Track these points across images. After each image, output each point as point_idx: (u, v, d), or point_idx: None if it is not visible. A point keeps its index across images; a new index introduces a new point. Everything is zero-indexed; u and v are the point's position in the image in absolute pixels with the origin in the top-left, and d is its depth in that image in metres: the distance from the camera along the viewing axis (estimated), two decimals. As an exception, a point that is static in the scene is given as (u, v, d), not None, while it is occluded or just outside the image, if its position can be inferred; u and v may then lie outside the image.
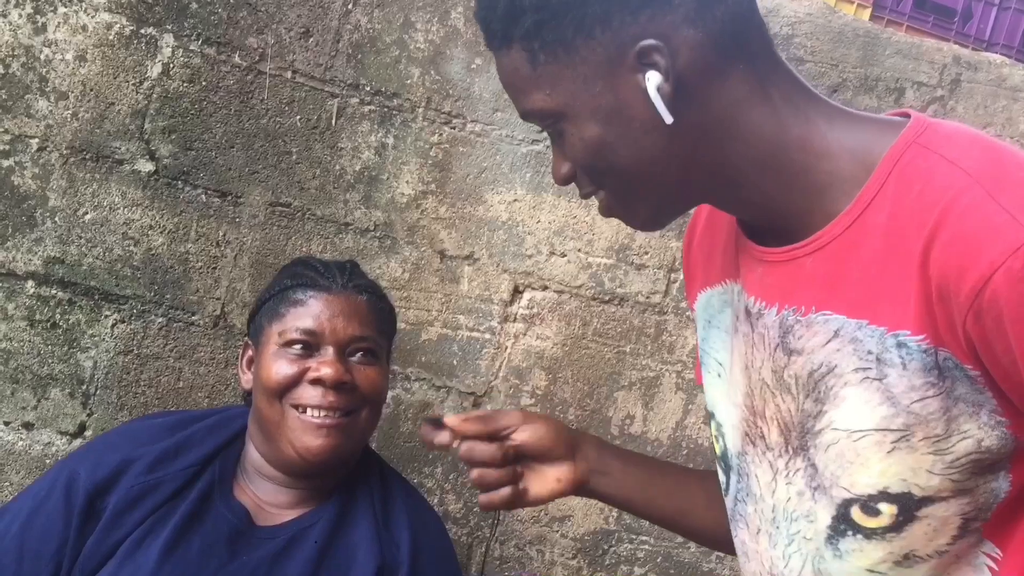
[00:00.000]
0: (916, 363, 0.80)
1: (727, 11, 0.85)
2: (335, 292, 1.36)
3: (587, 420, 1.94)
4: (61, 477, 1.31)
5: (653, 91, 0.82)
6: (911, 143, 0.82)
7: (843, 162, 0.85)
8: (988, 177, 0.76)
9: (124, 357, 1.75)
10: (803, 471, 0.90)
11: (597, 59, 0.84)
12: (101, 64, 1.67)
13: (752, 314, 0.94)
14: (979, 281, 0.73)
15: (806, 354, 0.88)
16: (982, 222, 0.74)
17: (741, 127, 0.86)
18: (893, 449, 0.82)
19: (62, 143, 1.67)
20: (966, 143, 0.81)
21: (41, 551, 1.27)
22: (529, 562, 1.97)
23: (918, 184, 0.80)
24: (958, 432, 0.80)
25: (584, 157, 0.89)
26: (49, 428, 1.74)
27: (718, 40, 0.84)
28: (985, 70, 1.98)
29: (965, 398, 0.79)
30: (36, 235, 1.69)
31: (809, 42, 1.91)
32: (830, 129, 0.87)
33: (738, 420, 0.99)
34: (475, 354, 1.88)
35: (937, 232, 0.77)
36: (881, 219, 0.82)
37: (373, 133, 1.78)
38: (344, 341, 1.34)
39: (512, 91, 0.91)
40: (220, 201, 1.74)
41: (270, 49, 1.72)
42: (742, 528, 1.01)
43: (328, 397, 1.30)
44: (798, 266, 0.88)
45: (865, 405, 0.83)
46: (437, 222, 1.83)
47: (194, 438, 1.38)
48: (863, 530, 0.86)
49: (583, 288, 1.90)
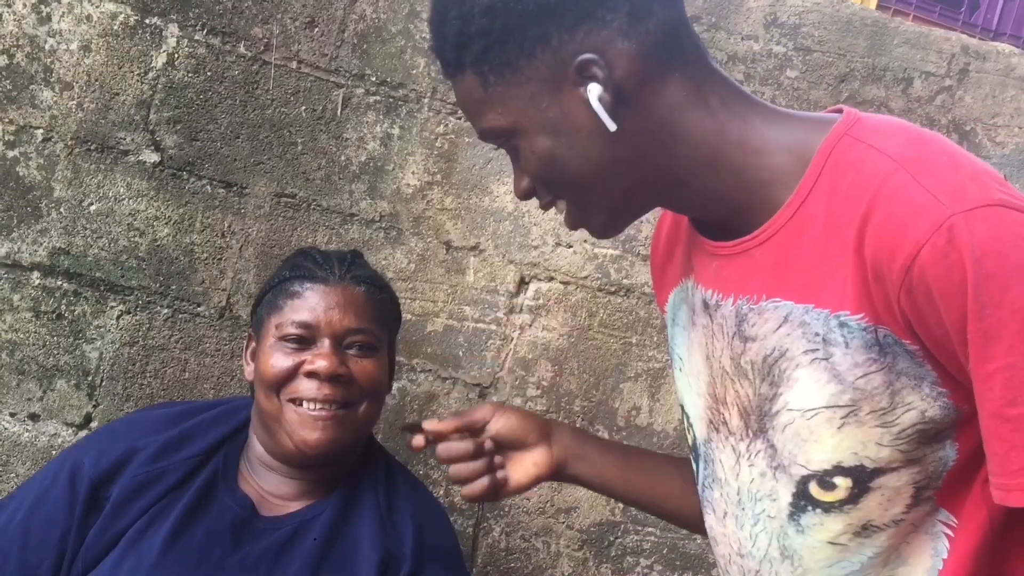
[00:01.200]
0: (857, 341, 0.85)
1: (657, 23, 0.90)
2: (332, 284, 1.35)
3: (593, 411, 1.93)
4: (65, 466, 1.32)
5: (595, 101, 0.88)
6: (842, 135, 0.88)
7: (781, 157, 0.91)
8: (911, 161, 0.82)
9: (130, 348, 1.75)
10: (763, 452, 0.95)
11: (541, 76, 0.90)
12: (106, 54, 1.66)
13: (710, 306, 1.00)
14: (908, 259, 0.78)
15: (760, 340, 0.93)
16: (907, 203, 0.80)
17: (682, 130, 0.91)
18: (843, 424, 0.87)
19: (67, 134, 1.67)
20: (891, 131, 0.87)
21: (45, 540, 1.27)
22: (535, 553, 1.97)
23: (850, 173, 0.85)
24: (902, 404, 0.84)
25: (538, 169, 0.94)
26: (55, 419, 1.74)
27: (651, 50, 0.89)
28: (994, 60, 1.97)
29: (906, 372, 0.84)
30: (41, 226, 1.68)
31: (816, 32, 1.90)
32: (767, 128, 0.92)
33: (703, 409, 1.04)
34: (481, 345, 1.87)
35: (869, 216, 0.82)
36: (819, 208, 0.87)
37: (379, 124, 1.78)
38: (340, 333, 1.33)
39: (469, 113, 0.97)
40: (225, 192, 1.74)
41: (275, 39, 1.72)
42: (710, 513, 1.07)
43: (324, 390, 1.30)
44: (748, 257, 0.94)
45: (815, 384, 0.88)
46: (443, 213, 1.82)
47: (199, 428, 1.38)
48: (822, 504, 0.91)
49: (589, 279, 1.89)
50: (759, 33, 1.89)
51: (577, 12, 0.88)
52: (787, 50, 1.90)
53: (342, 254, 1.43)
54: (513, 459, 1.23)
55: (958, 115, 1.98)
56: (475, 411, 1.24)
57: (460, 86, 0.96)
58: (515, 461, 1.22)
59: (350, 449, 1.36)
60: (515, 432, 1.23)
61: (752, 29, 1.89)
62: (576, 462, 1.24)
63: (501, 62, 0.90)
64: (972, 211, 0.77)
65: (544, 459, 1.23)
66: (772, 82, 1.90)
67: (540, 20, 0.88)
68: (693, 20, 1.84)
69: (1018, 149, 2.00)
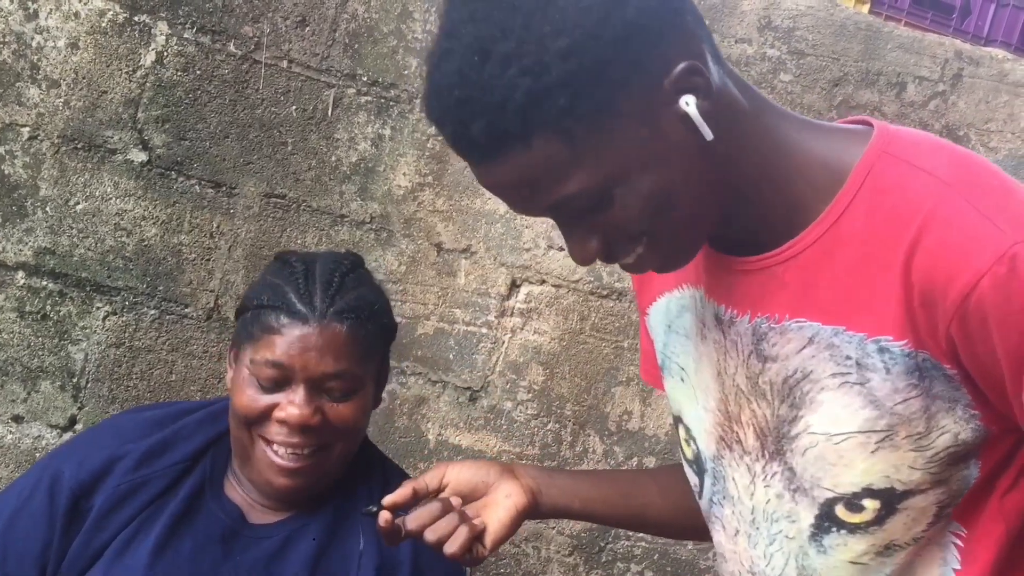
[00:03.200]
0: (900, 367, 0.83)
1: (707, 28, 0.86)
2: (311, 323, 1.23)
3: (584, 416, 1.92)
4: (45, 476, 1.28)
5: (694, 111, 0.80)
6: (881, 152, 0.85)
7: (818, 173, 0.87)
8: (965, 185, 0.80)
9: (116, 350, 1.72)
10: (780, 474, 0.93)
11: (638, 107, 0.80)
12: (94, 52, 1.64)
13: (723, 321, 0.96)
14: (966, 287, 0.76)
15: (780, 360, 0.90)
16: (966, 230, 0.77)
17: (748, 138, 0.87)
18: (877, 449, 0.85)
19: (54, 132, 1.65)
20: (930, 149, 0.85)
21: (25, 553, 1.24)
22: (525, 559, 1.95)
23: (894, 193, 0.82)
24: (937, 428, 0.84)
25: (642, 214, 0.84)
26: (39, 421, 1.72)
27: (713, 54, 0.84)
28: (987, 65, 1.97)
29: (942, 395, 0.83)
30: (27, 225, 1.66)
31: (811, 35, 1.90)
32: (802, 139, 0.89)
33: (711, 425, 1.01)
34: (472, 348, 1.86)
35: (919, 240, 0.79)
36: (856, 228, 0.84)
37: (370, 124, 1.76)
38: (316, 378, 1.23)
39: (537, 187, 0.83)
40: (214, 192, 1.72)
41: (266, 38, 1.70)
42: (718, 530, 1.04)
43: (294, 438, 1.23)
44: (770, 275, 0.90)
45: (845, 409, 0.86)
46: (434, 215, 1.81)
47: (183, 433, 1.34)
48: (847, 525, 0.90)
49: (581, 282, 1.88)
50: (753, 36, 1.88)
51: (662, 20, 0.80)
52: (781, 54, 1.89)
53: (330, 273, 1.29)
54: (485, 504, 1.15)
55: (951, 120, 1.98)
56: (426, 474, 1.18)
57: (523, 158, 0.80)
58: (488, 504, 1.15)
59: (325, 483, 1.31)
60: (474, 475, 1.16)
61: (746, 32, 1.88)
62: (550, 489, 1.18)
63: (591, 107, 0.78)
64: None
65: (515, 488, 1.15)
66: (766, 85, 1.89)
67: (631, 42, 0.78)
68: (687, 23, 1.84)
69: (1011, 155, 2.00)
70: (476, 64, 0.77)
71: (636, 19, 0.78)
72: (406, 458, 1.85)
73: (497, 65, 0.77)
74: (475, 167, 0.84)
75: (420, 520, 1.10)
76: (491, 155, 0.81)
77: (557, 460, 1.93)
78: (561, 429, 1.92)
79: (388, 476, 1.40)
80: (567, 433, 1.93)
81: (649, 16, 0.79)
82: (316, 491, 1.31)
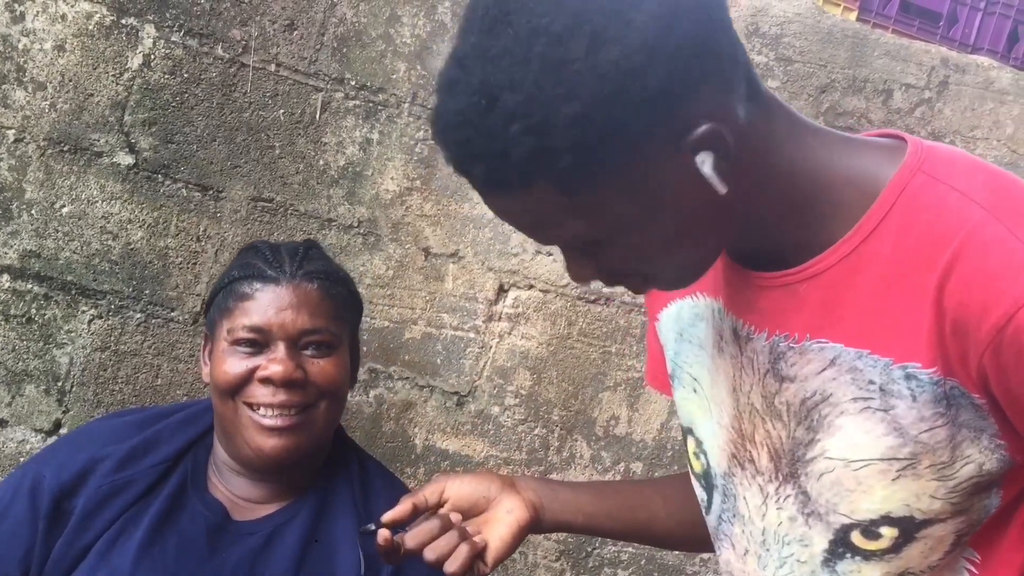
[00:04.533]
0: (927, 395, 0.80)
1: (743, 72, 0.82)
2: (283, 282, 1.29)
3: (572, 421, 1.92)
4: (26, 480, 1.28)
5: (709, 171, 0.77)
6: (916, 171, 0.82)
7: (845, 191, 0.84)
8: (1003, 211, 0.77)
9: (101, 353, 1.71)
10: (794, 497, 0.91)
11: (647, 165, 0.77)
12: (80, 54, 1.64)
13: (740, 336, 0.93)
14: (1002, 318, 0.74)
15: (799, 381, 0.88)
16: (1005, 258, 0.75)
17: (767, 172, 0.84)
18: (899, 477, 0.83)
19: (39, 134, 1.64)
20: (969, 171, 0.82)
21: (8, 557, 1.24)
22: (511, 564, 1.95)
23: (927, 215, 0.79)
24: (962, 458, 0.81)
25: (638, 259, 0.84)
26: (23, 425, 1.71)
27: (743, 102, 0.81)
28: (973, 72, 1.98)
29: (968, 424, 0.81)
30: (12, 228, 1.65)
31: (798, 42, 1.91)
32: (830, 158, 0.85)
33: (724, 441, 0.98)
34: (459, 353, 1.86)
35: (954, 265, 0.77)
36: (885, 249, 0.81)
37: (358, 128, 1.76)
38: (295, 335, 1.28)
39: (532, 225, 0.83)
40: (201, 195, 1.71)
41: (254, 41, 1.70)
42: (727, 548, 1.02)
43: (279, 396, 1.25)
44: (790, 292, 0.87)
45: (866, 435, 0.84)
46: (422, 219, 1.81)
47: (164, 434, 1.35)
48: (862, 552, 0.88)
49: (569, 287, 1.88)
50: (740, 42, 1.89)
51: (688, 83, 0.75)
52: (768, 60, 1.90)
53: (294, 248, 1.36)
54: (487, 520, 1.12)
55: (937, 127, 1.98)
56: (425, 488, 1.16)
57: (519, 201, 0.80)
58: (489, 520, 1.12)
59: (312, 452, 1.33)
60: (474, 490, 1.14)
61: (734, 39, 1.89)
62: (553, 504, 1.15)
63: (596, 169, 0.76)
64: None
65: (516, 503, 1.13)
66: (753, 92, 1.90)
67: (648, 110, 0.74)
68: (675, 29, 1.84)
69: (997, 162, 2.01)
70: (482, 109, 0.75)
71: (657, 87, 0.74)
72: (393, 463, 1.85)
73: (502, 116, 0.74)
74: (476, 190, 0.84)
75: (419, 538, 1.08)
76: (488, 192, 0.81)
77: (544, 465, 1.92)
78: (548, 434, 1.92)
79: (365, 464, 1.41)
80: (554, 438, 1.92)
81: (673, 82, 0.75)
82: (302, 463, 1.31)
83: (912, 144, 0.85)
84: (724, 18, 0.81)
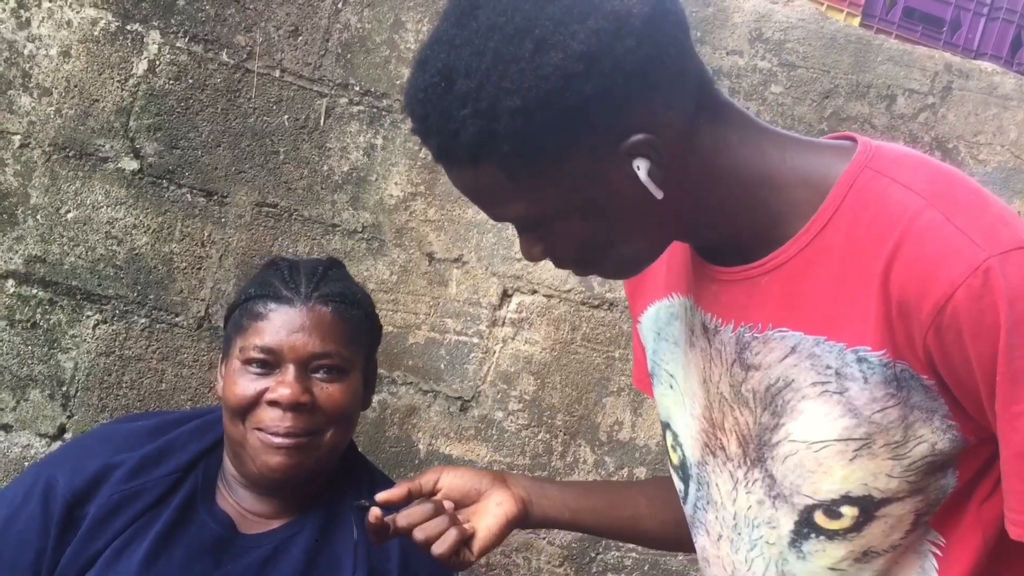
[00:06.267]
0: (877, 376, 0.84)
1: (693, 80, 0.87)
2: (297, 304, 1.28)
3: (575, 426, 1.92)
4: (38, 483, 1.27)
5: (645, 177, 0.83)
6: (863, 167, 0.87)
7: (799, 189, 0.89)
8: (941, 199, 0.82)
9: (106, 358, 1.72)
10: (761, 481, 0.95)
11: (583, 162, 0.84)
12: (86, 60, 1.64)
13: (709, 330, 0.98)
14: (941, 298, 0.78)
15: (763, 369, 0.92)
16: (941, 243, 0.79)
17: (712, 175, 0.89)
18: (855, 457, 0.87)
19: (45, 140, 1.64)
20: (912, 165, 0.87)
21: (17, 560, 1.24)
22: (516, 569, 1.95)
23: (873, 207, 0.84)
24: (914, 438, 0.85)
25: (577, 250, 0.90)
26: (28, 430, 1.71)
27: (688, 111, 0.86)
28: (976, 78, 1.98)
29: (920, 405, 0.84)
30: (17, 233, 1.66)
31: (801, 47, 1.91)
32: (783, 159, 0.90)
33: (697, 431, 1.03)
34: (463, 358, 1.86)
35: (897, 252, 0.81)
36: (837, 241, 0.86)
37: (362, 134, 1.76)
38: (305, 358, 1.27)
39: (481, 200, 0.89)
40: (206, 201, 1.72)
41: (258, 47, 1.70)
42: (702, 534, 1.06)
43: (286, 421, 1.25)
44: (753, 285, 0.92)
45: (825, 417, 0.88)
46: (426, 224, 1.81)
47: (176, 443, 1.35)
48: (826, 532, 0.91)
49: (572, 292, 1.88)
50: (744, 48, 1.89)
51: (623, 93, 0.82)
52: (772, 66, 1.90)
53: (313, 267, 1.36)
54: (476, 511, 1.17)
55: (941, 132, 1.99)
56: (422, 475, 1.20)
57: (467, 175, 0.87)
58: (478, 511, 1.17)
59: (318, 471, 1.33)
60: (468, 481, 1.19)
61: (737, 44, 1.89)
62: (541, 500, 1.20)
63: (536, 158, 0.83)
64: (1007, 254, 0.78)
65: (506, 497, 1.17)
66: (757, 97, 1.90)
67: (585, 113, 0.81)
68: (678, 34, 1.85)
69: (1000, 167, 2.01)
70: (441, 89, 0.82)
71: (594, 94, 0.80)
72: (397, 468, 1.85)
73: (456, 99, 0.81)
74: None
75: (411, 518, 1.13)
76: (444, 164, 0.88)
77: (548, 470, 1.92)
78: (552, 439, 1.92)
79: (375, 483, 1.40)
80: (558, 443, 1.92)
81: (612, 90, 0.81)
82: (308, 482, 1.32)
83: (861, 143, 0.90)
84: (676, 35, 0.85)
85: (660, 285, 1.08)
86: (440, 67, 0.82)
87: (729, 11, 1.88)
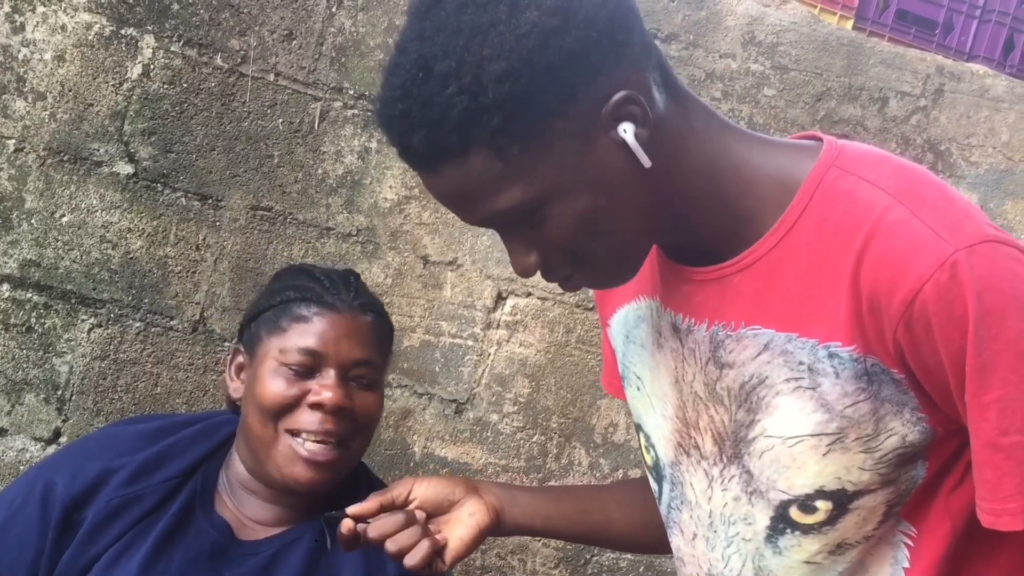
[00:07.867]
0: (848, 371, 0.86)
1: (658, 57, 0.89)
2: (342, 311, 1.29)
3: (570, 428, 1.93)
4: (37, 486, 1.27)
5: (631, 139, 0.84)
6: (830, 165, 0.88)
7: (767, 187, 0.90)
8: (907, 196, 0.83)
9: (101, 362, 1.72)
10: (738, 477, 0.96)
11: (573, 130, 0.84)
12: (80, 64, 1.64)
13: (680, 330, 0.99)
14: (910, 293, 0.79)
15: (737, 367, 0.93)
16: (908, 239, 0.81)
17: (692, 161, 0.90)
18: (828, 451, 0.88)
19: (39, 144, 1.65)
20: (875, 161, 0.88)
21: (15, 562, 1.23)
22: (511, 571, 1.95)
23: (841, 205, 0.86)
24: (885, 431, 0.87)
25: (576, 233, 0.88)
26: (23, 434, 1.71)
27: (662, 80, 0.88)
28: (968, 80, 1.99)
29: (890, 399, 0.86)
30: (12, 237, 1.66)
31: (794, 50, 1.92)
32: (750, 155, 0.91)
33: (669, 432, 1.04)
34: (458, 361, 1.86)
35: (866, 249, 0.82)
36: (806, 238, 0.88)
37: (356, 137, 1.77)
38: (347, 363, 1.28)
39: (473, 199, 0.86)
40: (200, 204, 1.72)
41: (252, 51, 1.71)
42: (676, 534, 1.07)
43: (326, 424, 1.25)
44: (726, 284, 0.93)
45: (799, 412, 0.89)
46: (420, 227, 1.81)
47: (177, 448, 1.33)
48: (801, 527, 0.93)
49: (566, 295, 1.89)
50: (737, 51, 1.90)
51: (603, 51, 0.83)
52: (764, 68, 1.91)
53: (345, 277, 1.36)
54: (448, 521, 1.18)
55: (933, 135, 1.99)
56: (394, 487, 1.20)
57: (458, 170, 0.84)
58: (451, 521, 1.18)
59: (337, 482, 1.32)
60: (440, 491, 1.19)
61: (730, 47, 1.90)
62: (512, 508, 1.21)
63: (526, 128, 0.82)
64: (973, 247, 0.79)
65: (478, 507, 1.18)
66: (750, 100, 1.91)
67: (568, 70, 0.81)
68: (671, 38, 1.85)
69: (992, 169, 2.02)
70: (419, 80, 0.82)
71: (574, 48, 0.81)
72: (391, 471, 1.85)
73: (437, 83, 0.81)
74: (419, 175, 0.89)
75: (382, 529, 1.12)
76: (431, 166, 0.86)
77: (543, 472, 1.93)
78: (547, 441, 1.92)
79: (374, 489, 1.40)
80: (553, 445, 1.93)
81: (589, 46, 0.82)
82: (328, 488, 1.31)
83: (827, 142, 0.91)
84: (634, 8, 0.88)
85: (628, 288, 1.07)
86: (414, 60, 0.82)
87: (722, 14, 1.89)
